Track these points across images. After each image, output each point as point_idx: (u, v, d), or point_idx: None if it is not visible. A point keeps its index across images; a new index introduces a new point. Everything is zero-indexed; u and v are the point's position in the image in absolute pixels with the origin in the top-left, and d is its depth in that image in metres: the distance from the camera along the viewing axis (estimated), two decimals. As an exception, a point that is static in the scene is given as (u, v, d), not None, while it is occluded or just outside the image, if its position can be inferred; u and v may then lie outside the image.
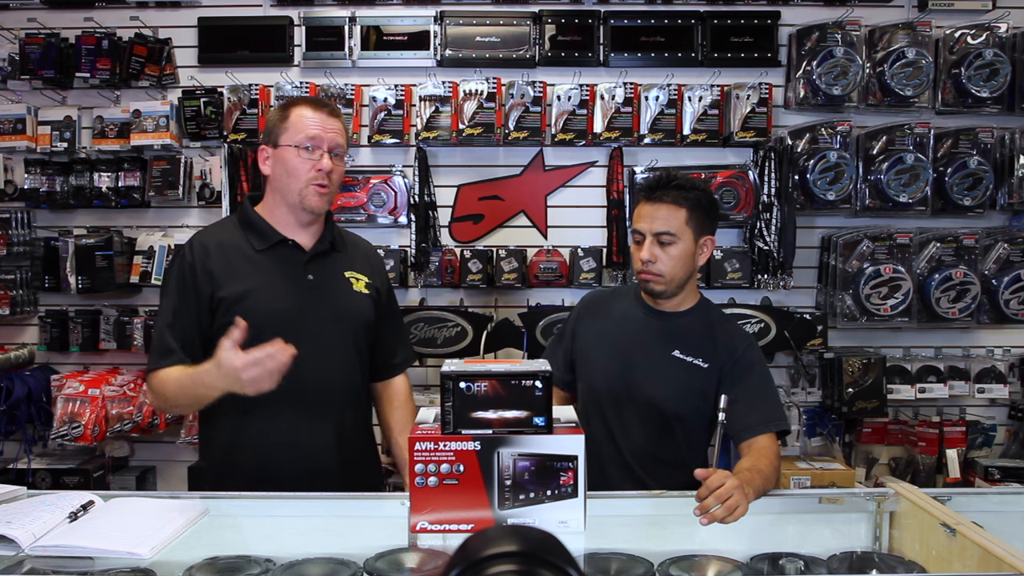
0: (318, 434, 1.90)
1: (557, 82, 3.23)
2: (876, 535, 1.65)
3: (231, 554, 1.43)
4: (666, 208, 1.97)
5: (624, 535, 1.59)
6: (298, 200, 1.89)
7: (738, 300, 3.20)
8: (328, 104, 1.96)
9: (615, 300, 2.19)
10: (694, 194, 1.99)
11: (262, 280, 1.89)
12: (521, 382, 1.48)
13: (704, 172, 3.19)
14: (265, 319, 1.82)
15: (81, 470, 3.15)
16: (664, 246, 1.97)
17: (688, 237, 1.98)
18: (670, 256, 1.97)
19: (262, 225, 1.93)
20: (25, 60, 3.21)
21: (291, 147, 1.87)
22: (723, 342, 2.03)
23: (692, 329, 2.05)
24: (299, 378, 1.80)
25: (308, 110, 1.90)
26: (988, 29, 3.21)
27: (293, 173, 1.88)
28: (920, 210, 3.17)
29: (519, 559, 0.72)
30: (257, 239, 1.92)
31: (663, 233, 1.97)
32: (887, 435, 3.29)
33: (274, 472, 1.84)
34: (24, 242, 3.29)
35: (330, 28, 3.27)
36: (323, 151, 1.88)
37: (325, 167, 1.88)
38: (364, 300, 2.00)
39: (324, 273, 1.96)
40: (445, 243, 3.29)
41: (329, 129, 1.90)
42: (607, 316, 2.14)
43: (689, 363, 2.01)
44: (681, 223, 1.97)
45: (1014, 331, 3.31)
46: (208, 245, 1.91)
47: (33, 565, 1.39)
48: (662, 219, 1.97)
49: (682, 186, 1.99)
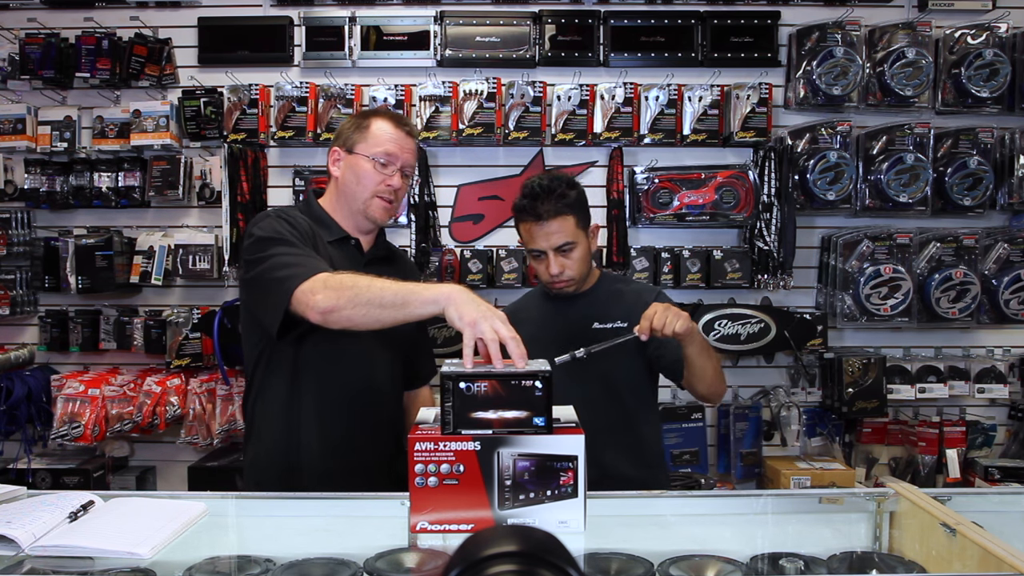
0: (370, 435, 1.94)
1: (557, 82, 3.23)
2: (876, 535, 1.64)
3: (231, 554, 1.43)
4: (556, 222, 2.06)
5: (624, 535, 1.59)
6: (362, 208, 1.93)
7: (738, 300, 3.20)
8: (409, 123, 2.01)
9: (529, 303, 2.32)
10: (571, 195, 2.08)
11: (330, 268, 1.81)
12: (521, 382, 1.48)
13: (704, 172, 3.19)
14: None
15: (81, 470, 3.15)
16: (567, 254, 2.09)
17: (582, 237, 2.11)
18: (575, 260, 2.11)
19: (328, 220, 1.96)
20: (25, 60, 3.21)
21: (366, 157, 1.91)
22: (633, 299, 2.14)
23: (601, 299, 2.19)
24: (353, 378, 1.90)
25: (390, 125, 1.94)
26: (988, 29, 3.21)
27: (363, 182, 1.91)
28: (920, 210, 3.17)
29: (519, 559, 0.72)
30: (325, 231, 1.93)
31: (563, 245, 2.08)
32: (887, 435, 3.29)
33: (327, 471, 1.87)
34: (24, 242, 3.29)
35: (330, 28, 3.27)
36: (396, 168, 1.92)
37: (395, 184, 1.92)
38: None
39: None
40: (445, 243, 3.30)
41: (406, 148, 1.94)
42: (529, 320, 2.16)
43: (610, 329, 2.11)
44: (573, 228, 2.08)
45: (1014, 331, 3.31)
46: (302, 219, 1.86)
47: (33, 565, 1.39)
48: (557, 233, 2.07)
49: (553, 191, 2.05)
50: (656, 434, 2.24)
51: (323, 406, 1.89)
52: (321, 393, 1.90)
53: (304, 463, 1.89)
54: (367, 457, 1.94)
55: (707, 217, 3.18)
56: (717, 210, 3.17)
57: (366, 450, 1.94)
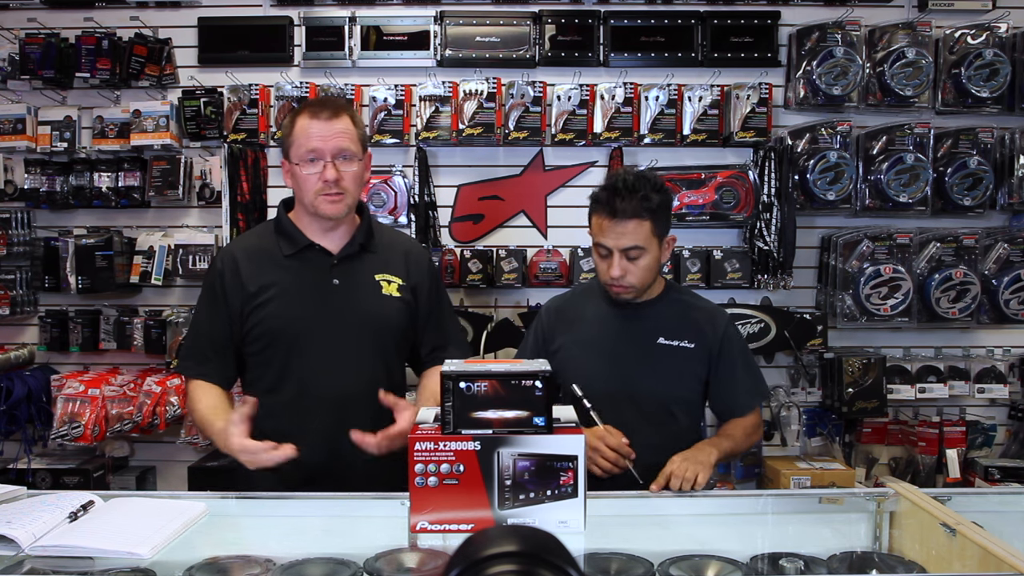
0: (339, 439, 1.84)
1: (557, 82, 3.23)
2: (876, 535, 1.65)
3: (231, 554, 1.43)
4: (631, 223, 1.93)
5: (624, 535, 1.59)
6: (313, 210, 1.91)
7: (738, 300, 3.20)
8: (330, 106, 1.91)
9: (584, 302, 2.17)
10: (654, 199, 1.94)
11: (286, 286, 1.92)
12: (521, 382, 1.48)
13: (704, 172, 3.19)
14: (285, 325, 1.90)
15: (81, 470, 3.15)
16: (633, 260, 1.96)
17: (654, 246, 1.98)
18: (640, 268, 1.97)
19: (291, 230, 1.96)
20: (25, 60, 3.21)
21: (296, 163, 1.89)
22: (703, 322, 2.08)
23: (669, 314, 2.08)
24: (319, 385, 1.87)
25: (307, 119, 1.88)
26: (988, 29, 3.21)
27: (304, 186, 1.89)
28: (920, 210, 3.17)
29: (519, 559, 0.72)
30: (286, 244, 1.95)
31: (631, 248, 1.95)
32: (887, 435, 3.29)
33: (298, 475, 1.80)
34: (24, 242, 3.29)
35: (330, 28, 3.27)
36: (326, 161, 1.86)
37: (330, 176, 1.86)
38: (393, 304, 1.97)
39: (351, 277, 1.95)
40: (445, 243, 3.29)
41: (330, 136, 1.86)
42: (581, 321, 2.13)
43: (676, 347, 2.05)
44: (647, 234, 1.95)
45: (1014, 331, 3.31)
46: (237, 254, 1.97)
47: (33, 565, 1.39)
48: (629, 235, 1.94)
49: (636, 191, 1.93)
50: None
51: (294, 412, 1.88)
52: (294, 400, 1.90)
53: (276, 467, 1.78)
54: (348, 461, 1.86)
55: (707, 217, 3.18)
56: (717, 210, 3.17)
57: (345, 455, 1.85)
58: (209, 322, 1.96)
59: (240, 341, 1.95)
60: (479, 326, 3.10)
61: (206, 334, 1.97)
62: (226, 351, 1.95)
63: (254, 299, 1.92)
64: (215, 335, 1.95)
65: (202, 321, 1.99)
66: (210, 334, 1.96)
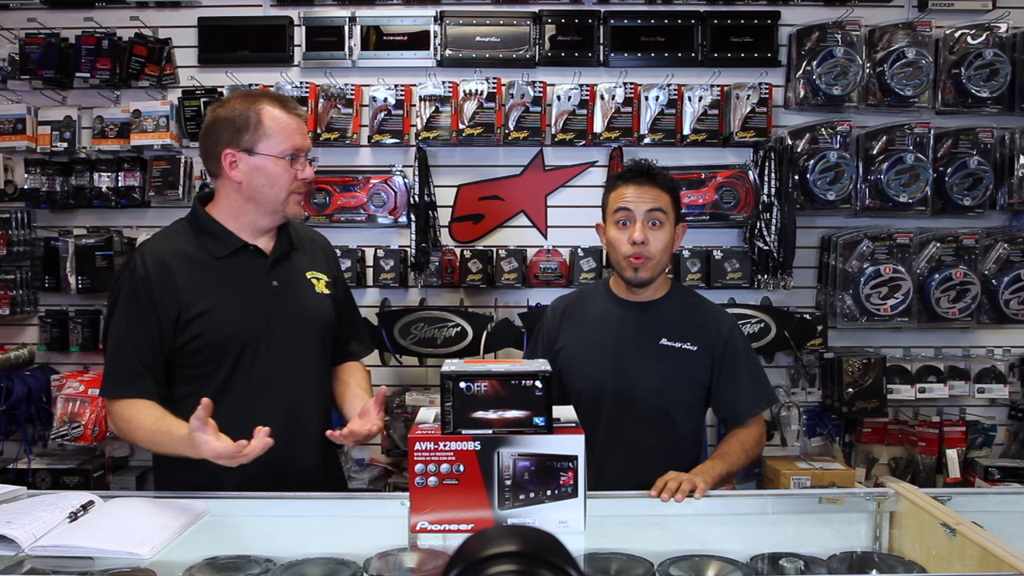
0: (299, 441, 1.84)
1: (557, 82, 3.23)
2: (876, 535, 1.65)
3: (231, 554, 1.43)
4: (655, 189, 1.99)
5: (624, 535, 1.59)
6: (280, 209, 1.82)
7: (738, 300, 3.20)
8: (293, 102, 1.86)
9: (588, 302, 2.17)
10: (672, 180, 2.04)
11: (226, 293, 1.80)
12: (521, 382, 1.48)
13: (704, 172, 3.19)
14: (231, 333, 1.78)
15: (81, 470, 3.14)
16: (654, 228, 1.98)
17: (671, 222, 2.01)
18: (659, 239, 1.99)
19: (219, 231, 1.83)
20: (25, 60, 3.21)
21: (273, 157, 1.78)
22: (708, 325, 2.06)
23: (673, 315, 2.07)
24: (274, 388, 1.81)
25: (281, 112, 1.80)
26: (988, 29, 3.21)
27: (276, 184, 1.79)
28: (920, 210, 3.17)
29: (519, 559, 0.72)
30: (215, 246, 1.82)
31: (655, 210, 1.97)
32: (887, 435, 3.29)
33: (260, 479, 1.73)
34: (24, 242, 3.29)
35: (330, 28, 3.27)
36: (305, 159, 1.83)
37: (309, 176, 1.83)
38: (326, 301, 1.95)
39: (287, 278, 1.88)
40: (445, 243, 3.29)
41: (305, 133, 1.85)
42: (586, 320, 2.13)
43: (678, 349, 2.03)
44: (668, 204, 2.00)
45: (1014, 331, 3.31)
46: (165, 257, 1.79)
47: (33, 565, 1.39)
48: (655, 199, 1.98)
49: (663, 173, 2.04)
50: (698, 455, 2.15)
51: (249, 419, 1.67)
52: (243, 408, 1.77)
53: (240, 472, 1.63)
54: (302, 459, 1.84)
55: (707, 217, 3.18)
56: (717, 210, 3.17)
57: (298, 453, 1.83)
58: (133, 335, 1.75)
59: (172, 354, 1.78)
60: (479, 326, 3.10)
61: (131, 348, 1.75)
62: (156, 366, 1.77)
63: (190, 308, 1.76)
64: (142, 349, 1.75)
65: (124, 335, 1.76)
66: (136, 348, 1.75)
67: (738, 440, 2.02)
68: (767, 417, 3.25)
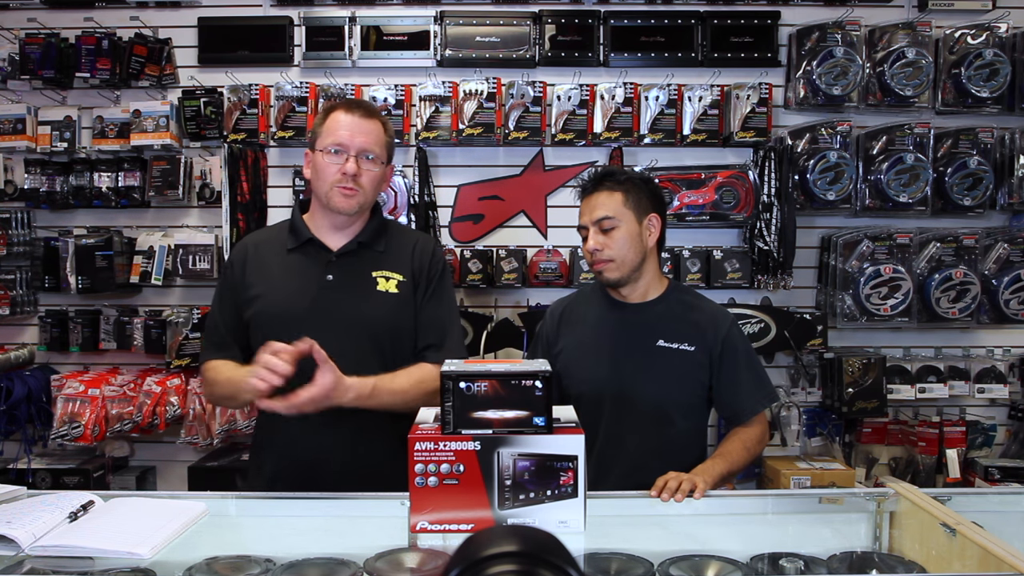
0: (331, 437, 1.89)
1: (557, 82, 3.23)
2: (876, 535, 1.65)
3: (231, 554, 1.43)
4: (602, 196, 2.03)
5: (624, 535, 1.59)
6: (326, 201, 1.92)
7: (738, 300, 3.20)
8: (364, 107, 1.96)
9: (584, 305, 2.18)
10: (626, 177, 2.05)
11: (281, 280, 1.95)
12: (521, 382, 1.48)
13: (704, 172, 3.19)
14: (273, 318, 1.91)
15: (81, 470, 3.15)
16: (608, 232, 2.01)
17: (630, 219, 2.02)
18: (615, 240, 2.01)
19: (299, 227, 2.00)
20: (25, 60, 3.21)
21: (321, 151, 1.91)
22: (706, 325, 2.05)
23: (669, 315, 2.06)
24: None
25: (342, 114, 1.92)
26: (988, 29, 3.21)
27: (321, 175, 1.92)
28: (920, 210, 3.17)
29: (519, 559, 0.72)
30: (290, 239, 1.99)
31: (603, 219, 2.01)
32: (887, 435, 3.29)
33: (294, 474, 1.87)
34: (24, 242, 3.29)
35: (330, 28, 3.27)
36: (349, 155, 1.89)
37: (349, 170, 1.88)
38: (388, 300, 1.94)
39: (346, 274, 1.95)
40: (445, 243, 3.29)
41: (359, 133, 1.90)
42: (583, 323, 2.12)
43: (676, 350, 2.02)
44: (619, 205, 2.02)
45: (1014, 331, 3.31)
46: (248, 245, 2.04)
47: (33, 565, 1.39)
48: (599, 206, 2.02)
49: (612, 174, 2.06)
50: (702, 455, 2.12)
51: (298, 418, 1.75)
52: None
53: (278, 466, 1.93)
54: (333, 456, 1.90)
55: (707, 217, 3.18)
56: (717, 210, 3.17)
57: (332, 449, 1.90)
58: (221, 311, 2.02)
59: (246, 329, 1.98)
60: (479, 326, 3.10)
61: (221, 322, 2.01)
62: (239, 338, 2.00)
63: (249, 289, 1.96)
64: (228, 323, 2.00)
65: (215, 310, 2.04)
66: (223, 320, 2.00)
67: (740, 438, 2.01)
68: (767, 416, 3.26)
